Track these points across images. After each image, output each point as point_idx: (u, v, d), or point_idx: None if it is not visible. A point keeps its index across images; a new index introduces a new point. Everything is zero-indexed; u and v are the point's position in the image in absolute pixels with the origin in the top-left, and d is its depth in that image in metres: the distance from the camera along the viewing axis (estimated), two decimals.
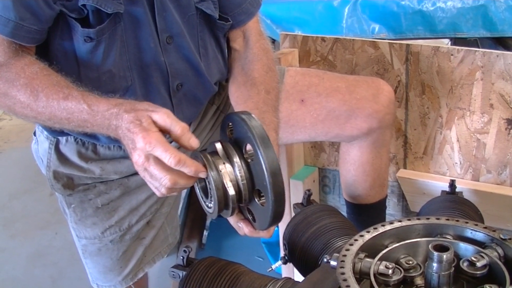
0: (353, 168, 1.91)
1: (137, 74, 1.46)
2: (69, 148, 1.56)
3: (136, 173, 1.62)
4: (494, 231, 1.07)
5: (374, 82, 1.83)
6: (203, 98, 1.63)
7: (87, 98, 1.25)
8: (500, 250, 1.04)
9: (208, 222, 2.82)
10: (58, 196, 1.66)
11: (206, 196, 1.22)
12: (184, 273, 1.28)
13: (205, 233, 2.83)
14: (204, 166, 1.16)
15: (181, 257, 1.31)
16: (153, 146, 1.12)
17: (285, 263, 1.43)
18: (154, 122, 1.16)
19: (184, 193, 2.66)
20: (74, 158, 1.56)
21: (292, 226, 1.41)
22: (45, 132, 1.57)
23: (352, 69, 2.09)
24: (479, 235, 1.08)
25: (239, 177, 1.16)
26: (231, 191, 1.16)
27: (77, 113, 1.25)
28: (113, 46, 1.39)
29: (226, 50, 1.66)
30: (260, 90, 1.53)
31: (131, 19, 1.39)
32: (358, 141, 1.85)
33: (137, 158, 1.15)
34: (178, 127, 1.16)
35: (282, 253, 1.75)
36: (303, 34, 2.17)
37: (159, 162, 1.14)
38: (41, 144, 1.60)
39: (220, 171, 1.16)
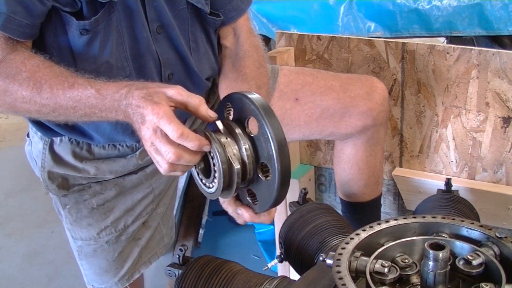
0: (348, 167, 1.91)
1: (133, 64, 1.46)
2: (63, 148, 1.56)
3: (131, 173, 1.62)
4: (490, 229, 1.07)
5: (367, 80, 1.84)
6: (195, 92, 1.62)
7: (94, 83, 1.24)
8: (496, 249, 1.04)
9: (204, 221, 2.82)
10: (53, 197, 1.65)
11: (207, 176, 1.19)
12: (180, 271, 1.27)
13: (201, 231, 2.82)
14: (207, 139, 1.13)
15: (177, 256, 1.31)
16: (160, 117, 1.11)
17: (281, 261, 1.43)
18: (170, 98, 1.15)
19: (179, 191, 2.65)
20: (68, 158, 1.56)
21: (288, 224, 1.41)
22: (39, 133, 1.57)
23: (348, 67, 2.09)
24: (475, 234, 1.08)
25: (243, 150, 1.14)
26: (236, 164, 1.13)
27: (84, 99, 1.23)
28: (109, 36, 1.39)
29: (217, 47, 1.66)
30: (251, 85, 1.52)
31: (124, 8, 1.39)
32: (352, 139, 1.85)
33: (145, 131, 1.13)
34: (195, 98, 1.16)
35: (278, 252, 1.75)
36: (299, 33, 2.17)
37: (165, 136, 1.12)
38: (35, 145, 1.60)
39: (224, 144, 1.13)
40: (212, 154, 1.14)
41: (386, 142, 2.11)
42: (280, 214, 2.11)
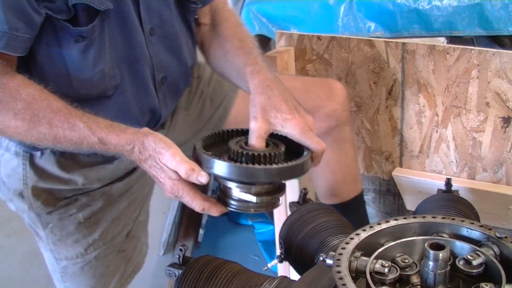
0: (320, 169, 1.89)
1: (126, 71, 1.44)
2: (46, 161, 1.48)
3: (118, 180, 1.57)
4: (490, 229, 1.07)
5: (327, 82, 1.86)
6: (182, 88, 1.64)
7: (95, 131, 1.24)
8: (496, 249, 1.04)
9: (204, 221, 2.82)
10: (29, 218, 1.57)
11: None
12: (180, 271, 1.27)
13: (201, 231, 2.82)
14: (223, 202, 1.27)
15: (177, 256, 1.30)
16: (180, 194, 1.22)
17: (281, 261, 1.43)
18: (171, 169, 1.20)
19: None
20: (54, 169, 1.48)
21: (288, 224, 1.41)
22: (13, 149, 1.48)
23: (348, 67, 2.09)
24: (475, 234, 1.08)
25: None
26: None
27: (86, 143, 1.25)
28: (104, 44, 1.36)
29: (195, 35, 1.66)
30: (233, 42, 1.53)
31: (117, 15, 1.36)
32: None
33: (166, 192, 1.24)
34: (182, 169, 1.18)
35: (278, 252, 1.75)
36: (299, 33, 2.17)
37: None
38: (6, 164, 1.50)
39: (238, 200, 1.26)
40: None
41: (386, 142, 2.11)
42: (280, 214, 2.11)
